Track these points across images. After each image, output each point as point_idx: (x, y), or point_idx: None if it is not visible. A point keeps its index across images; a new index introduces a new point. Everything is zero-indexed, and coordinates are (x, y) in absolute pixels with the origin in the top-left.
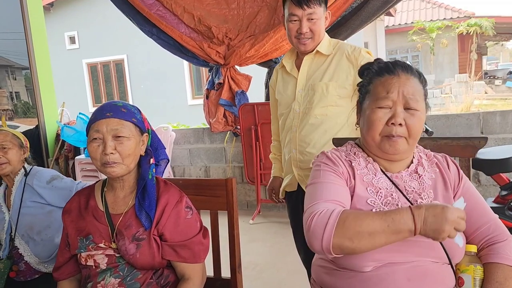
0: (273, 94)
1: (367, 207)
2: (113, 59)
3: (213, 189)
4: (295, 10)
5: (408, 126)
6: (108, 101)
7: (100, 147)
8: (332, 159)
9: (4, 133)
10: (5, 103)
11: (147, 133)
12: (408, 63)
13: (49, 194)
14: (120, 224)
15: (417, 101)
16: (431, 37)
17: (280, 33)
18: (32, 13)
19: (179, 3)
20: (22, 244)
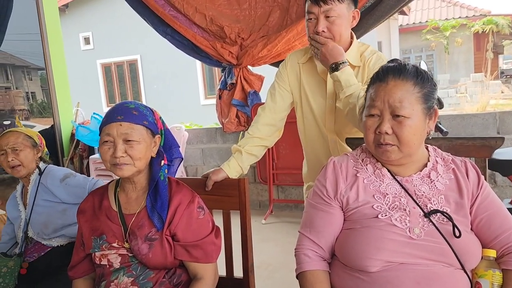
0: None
1: (373, 212)
2: (127, 60)
3: (226, 188)
4: (311, 7)
5: (397, 134)
6: (120, 102)
7: (110, 150)
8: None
9: (15, 135)
10: (21, 103)
11: (160, 134)
12: (408, 63)
13: (63, 192)
14: (133, 224)
15: (404, 108)
16: (445, 36)
17: (292, 32)
18: (47, 14)
19: (191, 4)
20: (41, 240)
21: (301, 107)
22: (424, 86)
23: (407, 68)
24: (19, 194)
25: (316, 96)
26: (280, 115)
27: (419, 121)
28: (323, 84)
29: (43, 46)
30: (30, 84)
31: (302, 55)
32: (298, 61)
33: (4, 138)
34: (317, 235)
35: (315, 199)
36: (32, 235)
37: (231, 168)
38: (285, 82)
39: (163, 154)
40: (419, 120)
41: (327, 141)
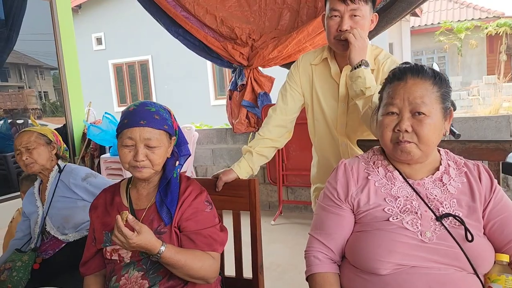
0: (294, 88)
1: (384, 215)
2: (138, 60)
3: (236, 189)
4: (336, 4)
5: (417, 132)
6: (141, 103)
7: (131, 153)
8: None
9: (28, 134)
10: (34, 102)
11: (175, 135)
12: (424, 65)
13: (83, 191)
14: (144, 219)
15: (425, 105)
16: (459, 37)
17: (303, 34)
18: (61, 15)
19: (202, 5)
20: (58, 235)
21: (312, 109)
22: (442, 86)
23: (425, 69)
24: (36, 190)
25: (328, 98)
26: (291, 116)
27: (438, 120)
28: (335, 87)
29: (56, 46)
30: (43, 83)
31: (315, 57)
32: (310, 63)
33: (18, 138)
34: (327, 237)
35: (325, 202)
36: (50, 230)
37: (242, 169)
38: (297, 84)
39: (177, 155)
40: (438, 119)
41: (338, 143)
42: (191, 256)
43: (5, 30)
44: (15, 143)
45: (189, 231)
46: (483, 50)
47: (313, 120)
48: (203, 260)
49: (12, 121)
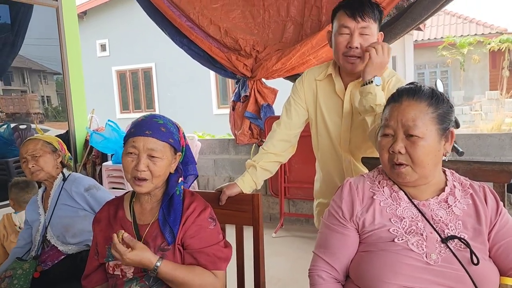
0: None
1: (389, 236)
2: (142, 67)
3: (240, 203)
4: (347, 21)
5: (410, 154)
6: (150, 115)
7: (133, 162)
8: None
9: (34, 142)
10: (37, 106)
11: (181, 151)
12: (423, 86)
13: (84, 202)
14: (147, 235)
15: (417, 127)
16: (461, 52)
17: (307, 46)
18: (67, 22)
19: (206, 15)
20: (59, 244)
21: (316, 124)
22: (439, 107)
23: (422, 89)
24: (39, 198)
25: (332, 114)
26: (295, 131)
27: (433, 142)
28: (339, 103)
29: (61, 53)
30: (46, 88)
31: (319, 72)
32: (315, 78)
33: (24, 146)
34: (331, 256)
35: (330, 220)
36: (50, 238)
37: (245, 183)
38: (301, 99)
39: (181, 172)
40: (433, 141)
41: (341, 160)
42: (191, 273)
43: (10, 35)
44: (21, 151)
45: (193, 249)
46: (485, 65)
47: (317, 136)
48: (203, 278)
49: (15, 126)
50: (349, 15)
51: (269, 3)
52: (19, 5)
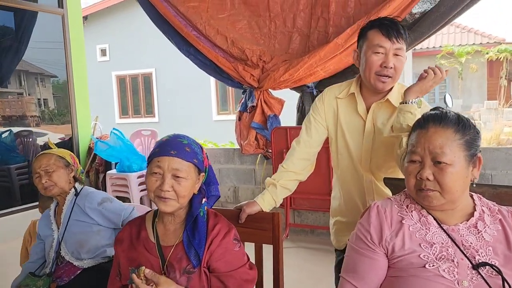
0: (319, 121)
1: (420, 261)
2: (142, 72)
3: (259, 222)
4: (383, 41)
5: (439, 181)
6: (175, 135)
7: (158, 182)
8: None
9: (47, 157)
10: (33, 109)
11: (204, 172)
12: (448, 111)
13: (98, 216)
14: (171, 256)
15: (445, 154)
16: (459, 61)
17: (315, 58)
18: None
19: (213, 25)
20: (73, 260)
21: (336, 142)
22: (466, 133)
23: (448, 116)
24: (52, 213)
25: (353, 133)
26: (315, 149)
27: (462, 168)
28: (361, 123)
29: (66, 60)
30: (43, 90)
31: (340, 90)
32: (336, 96)
33: (37, 161)
34: (360, 281)
35: (358, 244)
36: (64, 255)
37: (265, 201)
38: (321, 117)
39: (204, 192)
40: (462, 167)
41: (362, 179)
42: None
43: (15, 42)
44: (34, 166)
45: (220, 272)
46: (483, 74)
47: (337, 154)
48: None
49: (17, 132)
50: (385, 35)
51: (275, 14)
52: (24, 12)
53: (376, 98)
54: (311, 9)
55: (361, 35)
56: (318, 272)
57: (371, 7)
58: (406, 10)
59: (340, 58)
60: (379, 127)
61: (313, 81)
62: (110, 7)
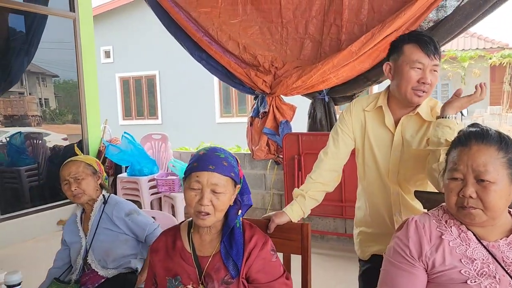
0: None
1: (461, 277)
2: (145, 75)
3: (288, 232)
4: (422, 57)
5: (482, 199)
6: (211, 148)
7: (197, 197)
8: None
9: (76, 164)
10: (35, 109)
11: (240, 183)
12: (490, 129)
13: (124, 226)
14: (209, 267)
15: (488, 173)
16: (462, 66)
17: (328, 65)
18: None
19: (225, 31)
20: (99, 269)
21: (363, 154)
22: (509, 151)
23: (490, 133)
24: (78, 220)
25: (380, 146)
26: (342, 161)
27: (505, 186)
28: (389, 135)
29: (77, 63)
30: (44, 90)
31: (368, 103)
32: (363, 108)
33: (66, 168)
34: None
35: (396, 258)
36: (91, 262)
37: (294, 212)
38: (349, 129)
39: (240, 203)
40: (505, 185)
41: (389, 191)
42: None
43: (25, 45)
44: (63, 173)
45: (260, 283)
46: (486, 79)
47: (364, 166)
48: None
49: (27, 134)
50: (424, 51)
51: (287, 20)
52: (34, 15)
53: (405, 111)
54: (323, 15)
55: (396, 48)
56: (329, 279)
57: (385, 15)
58: (420, 18)
59: (353, 66)
60: (407, 140)
61: (325, 88)
62: (114, 9)
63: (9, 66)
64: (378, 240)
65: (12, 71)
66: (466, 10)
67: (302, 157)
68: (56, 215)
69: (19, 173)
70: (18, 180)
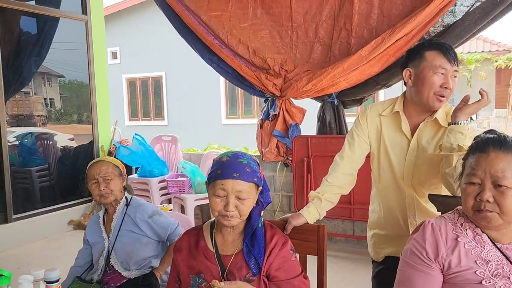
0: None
1: (476, 278)
2: (152, 76)
3: (305, 233)
4: (445, 63)
5: (499, 203)
6: (234, 154)
7: (222, 203)
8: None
9: (106, 165)
10: (40, 109)
11: (261, 185)
12: (506, 136)
13: (147, 228)
14: (231, 265)
15: (506, 178)
16: (468, 69)
17: (338, 69)
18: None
19: (235, 35)
20: (121, 270)
21: (378, 158)
22: None
23: (508, 140)
24: (101, 220)
25: (396, 150)
26: (358, 165)
27: None
28: (405, 140)
29: (89, 65)
30: (50, 90)
31: (384, 108)
32: (379, 113)
33: (96, 167)
34: None
35: (413, 259)
36: (114, 264)
37: (311, 214)
38: (364, 133)
39: (261, 204)
40: None
41: (404, 195)
42: None
43: (36, 47)
44: (92, 172)
45: (279, 280)
46: (492, 82)
47: (379, 170)
48: None
49: (38, 135)
50: (446, 57)
51: (297, 24)
52: (46, 18)
53: (422, 116)
54: (333, 20)
55: (416, 55)
56: (337, 280)
57: (394, 20)
58: (430, 23)
59: (363, 69)
60: (423, 145)
61: (335, 91)
62: (121, 10)
63: (20, 68)
64: (392, 242)
65: (23, 73)
66: (476, 15)
67: (311, 160)
68: (67, 215)
69: (30, 173)
70: (30, 180)
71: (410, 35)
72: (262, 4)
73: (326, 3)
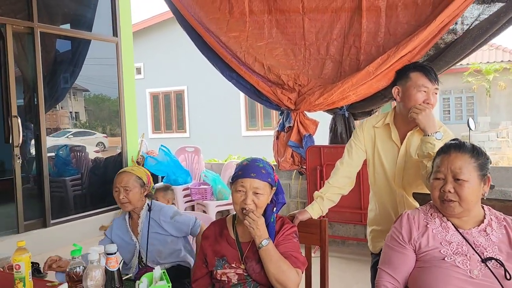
0: (359, 146)
1: (440, 255)
2: (174, 90)
3: (309, 227)
4: (426, 82)
5: (458, 193)
6: (252, 159)
7: (242, 197)
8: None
9: (128, 176)
10: (66, 122)
11: (275, 186)
12: (465, 142)
13: (171, 228)
14: (249, 250)
15: (463, 174)
16: (487, 79)
17: (347, 84)
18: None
19: (251, 54)
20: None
21: (373, 164)
22: (479, 158)
23: (465, 145)
24: (128, 224)
25: (388, 157)
26: (355, 169)
27: (475, 184)
28: (395, 148)
29: (118, 83)
30: (75, 104)
31: (377, 120)
32: (373, 125)
33: (119, 177)
34: (394, 270)
35: (392, 242)
36: (146, 262)
37: (314, 210)
38: (361, 142)
39: (275, 202)
40: (475, 183)
41: (395, 194)
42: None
43: (70, 66)
44: (116, 181)
45: (280, 251)
46: (511, 91)
47: (374, 173)
48: (290, 266)
49: (71, 147)
50: (428, 78)
51: (310, 43)
52: (80, 40)
53: (409, 127)
54: (343, 38)
55: (403, 75)
56: (347, 278)
57: (400, 37)
58: (431, 41)
59: (370, 84)
60: (411, 152)
61: (345, 104)
62: (145, 28)
63: (56, 85)
64: None
65: (58, 90)
66: (474, 33)
67: (324, 168)
68: (98, 221)
69: (64, 183)
70: (64, 189)
71: (415, 52)
72: (277, 24)
73: (337, 22)
